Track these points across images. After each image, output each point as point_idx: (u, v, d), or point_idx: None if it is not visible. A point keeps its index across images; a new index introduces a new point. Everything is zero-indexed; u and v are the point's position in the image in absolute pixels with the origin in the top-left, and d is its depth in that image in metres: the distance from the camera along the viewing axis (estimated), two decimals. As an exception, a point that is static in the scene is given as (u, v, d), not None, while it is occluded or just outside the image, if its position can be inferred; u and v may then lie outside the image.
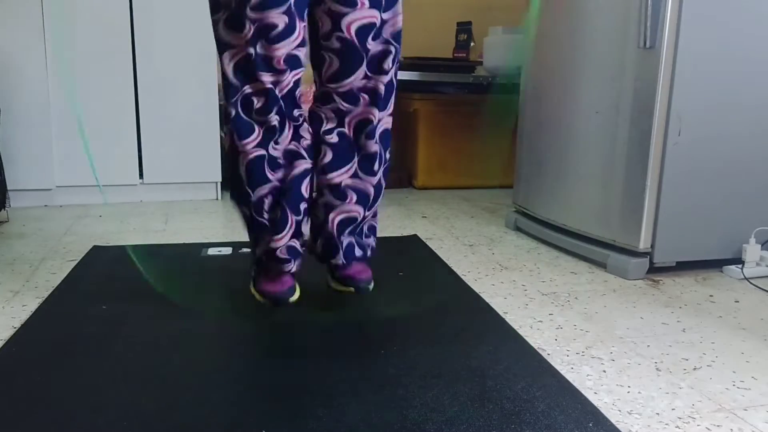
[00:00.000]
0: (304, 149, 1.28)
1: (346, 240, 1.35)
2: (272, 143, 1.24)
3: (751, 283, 1.66)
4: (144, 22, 2.43)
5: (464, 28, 3.07)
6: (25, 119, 2.37)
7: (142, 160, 2.53)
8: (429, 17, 3.23)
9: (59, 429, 0.93)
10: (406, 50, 3.06)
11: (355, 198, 1.33)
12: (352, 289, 1.36)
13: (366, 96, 1.29)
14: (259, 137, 1.24)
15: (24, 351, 1.18)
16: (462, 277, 1.66)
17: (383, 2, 1.26)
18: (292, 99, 1.25)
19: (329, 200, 1.32)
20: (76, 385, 1.05)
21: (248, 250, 1.84)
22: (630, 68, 1.64)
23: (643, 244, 1.66)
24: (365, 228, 1.40)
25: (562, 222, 1.92)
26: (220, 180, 2.61)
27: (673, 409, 1.02)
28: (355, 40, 1.24)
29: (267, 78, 1.20)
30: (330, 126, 1.31)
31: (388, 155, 1.37)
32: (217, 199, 2.64)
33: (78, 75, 2.40)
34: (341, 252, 1.35)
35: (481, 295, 1.52)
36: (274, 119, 1.23)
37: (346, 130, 1.31)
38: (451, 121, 2.88)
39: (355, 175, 1.32)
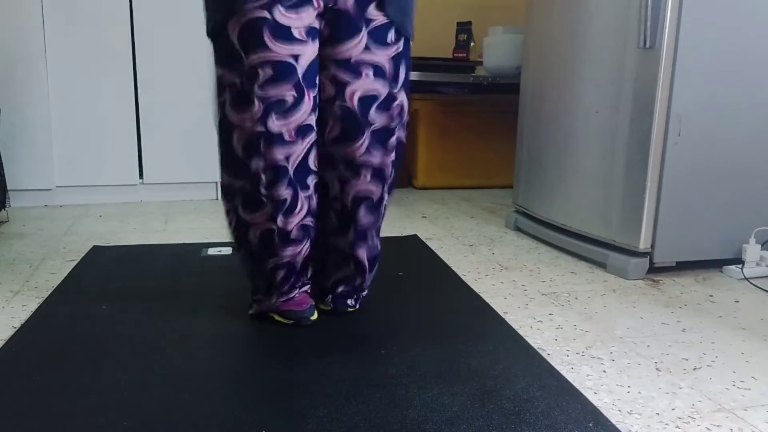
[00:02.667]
0: (310, 219, 1.27)
1: (346, 297, 1.36)
2: (280, 216, 1.21)
3: (751, 283, 1.66)
4: (144, 21, 2.43)
5: (464, 28, 3.07)
6: (25, 119, 2.37)
7: (142, 160, 2.53)
8: (429, 17, 3.23)
9: (59, 429, 0.93)
10: (406, 50, 3.07)
11: (352, 266, 1.33)
12: (329, 308, 1.37)
13: (369, 172, 1.26)
14: (271, 210, 1.21)
15: (24, 351, 1.18)
16: (462, 277, 1.66)
17: (388, 73, 1.22)
18: (305, 167, 1.21)
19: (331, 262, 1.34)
20: (76, 385, 1.05)
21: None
22: (630, 68, 1.64)
23: (643, 244, 1.66)
24: (365, 290, 1.40)
25: (562, 222, 1.92)
26: (220, 180, 2.61)
27: (673, 409, 1.02)
28: (357, 110, 1.21)
29: (278, 153, 1.17)
30: (334, 194, 1.28)
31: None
32: (217, 199, 2.64)
33: (78, 75, 2.40)
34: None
35: (481, 295, 1.52)
36: (285, 194, 1.19)
37: (347, 200, 1.28)
38: (451, 121, 2.88)
39: (353, 245, 1.31)
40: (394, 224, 2.23)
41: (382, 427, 0.94)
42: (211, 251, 1.84)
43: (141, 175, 2.54)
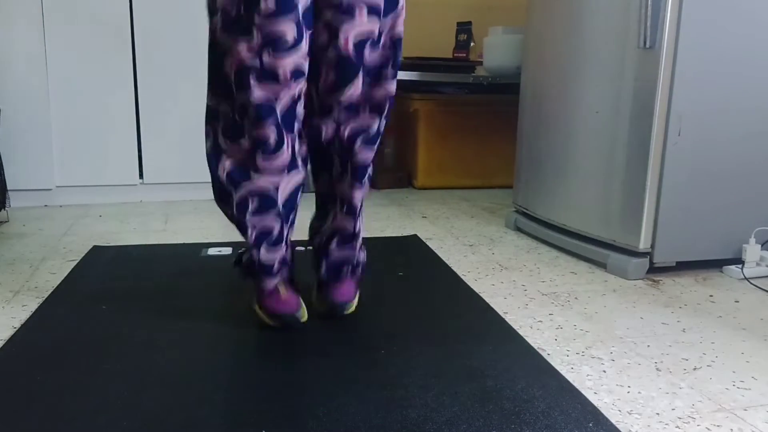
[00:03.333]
0: (301, 159, 1.25)
1: (334, 254, 1.33)
2: (260, 156, 1.18)
3: (751, 283, 1.66)
4: (144, 21, 2.43)
5: (464, 28, 3.07)
6: (25, 119, 2.37)
7: (142, 160, 2.53)
8: (429, 17, 3.23)
9: (59, 429, 0.93)
10: (406, 50, 3.07)
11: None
12: (329, 306, 1.34)
13: (368, 105, 1.26)
14: (249, 148, 1.18)
15: (24, 351, 1.18)
16: (462, 277, 1.66)
17: (383, 6, 1.20)
18: (292, 111, 1.19)
19: (342, 177, 1.30)
20: (76, 385, 1.05)
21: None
22: (630, 68, 1.64)
23: (643, 244, 1.66)
24: (358, 241, 1.36)
25: (562, 222, 1.92)
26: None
27: (673, 409, 1.02)
28: (352, 53, 1.19)
29: (268, 90, 1.14)
30: (329, 136, 1.27)
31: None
32: (217, 199, 2.64)
33: (78, 75, 2.40)
34: (326, 265, 1.34)
35: (481, 295, 1.52)
36: (269, 133, 1.16)
37: (344, 139, 1.27)
38: (451, 121, 2.88)
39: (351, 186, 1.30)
40: (394, 224, 2.23)
41: (382, 427, 0.94)
42: (211, 251, 1.84)
43: (141, 175, 2.54)
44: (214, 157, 1.22)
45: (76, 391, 1.03)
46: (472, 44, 3.04)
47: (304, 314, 1.31)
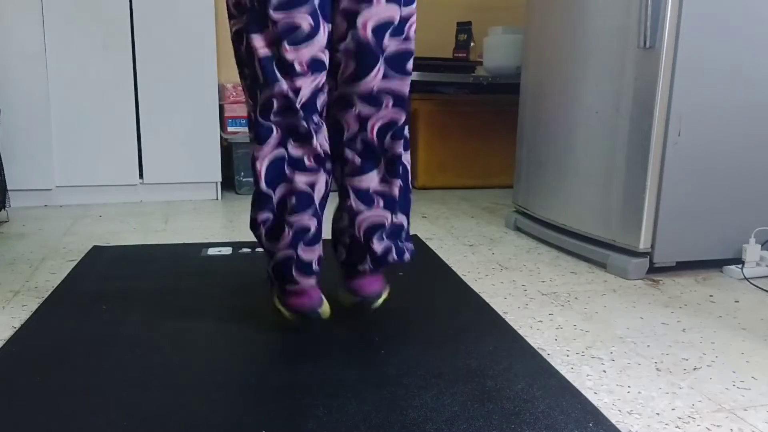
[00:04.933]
0: (324, 155, 1.23)
1: (380, 246, 1.29)
2: (290, 144, 1.18)
3: (751, 283, 1.66)
4: (144, 21, 2.43)
5: (464, 28, 3.07)
6: (25, 119, 2.37)
7: (142, 160, 2.53)
8: (429, 17, 3.23)
9: (59, 429, 0.93)
10: (406, 50, 3.07)
11: (382, 203, 1.28)
12: (359, 300, 1.32)
13: (390, 98, 1.23)
14: (278, 139, 1.18)
15: (24, 351, 1.18)
16: (462, 277, 1.66)
17: None
18: (313, 104, 1.18)
19: (356, 205, 1.27)
20: (76, 385, 1.05)
21: (248, 250, 1.85)
22: (630, 68, 1.64)
23: (643, 244, 1.66)
24: (403, 233, 1.34)
25: (562, 222, 1.92)
26: (220, 180, 2.61)
27: (673, 409, 1.02)
28: (372, 40, 1.19)
29: (287, 82, 1.15)
30: (353, 131, 1.25)
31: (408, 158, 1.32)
32: (217, 199, 2.64)
33: (78, 75, 2.40)
34: (369, 258, 1.30)
35: (481, 295, 1.52)
36: (291, 122, 1.17)
37: (369, 134, 1.25)
38: (451, 121, 2.89)
39: (383, 180, 1.28)
40: (394, 224, 2.23)
41: (382, 427, 0.94)
42: (211, 251, 1.84)
43: (141, 175, 2.54)
44: (252, 165, 1.22)
45: (76, 391, 1.03)
46: (472, 44, 3.04)
47: (326, 310, 1.27)
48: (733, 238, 1.73)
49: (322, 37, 1.15)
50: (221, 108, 2.67)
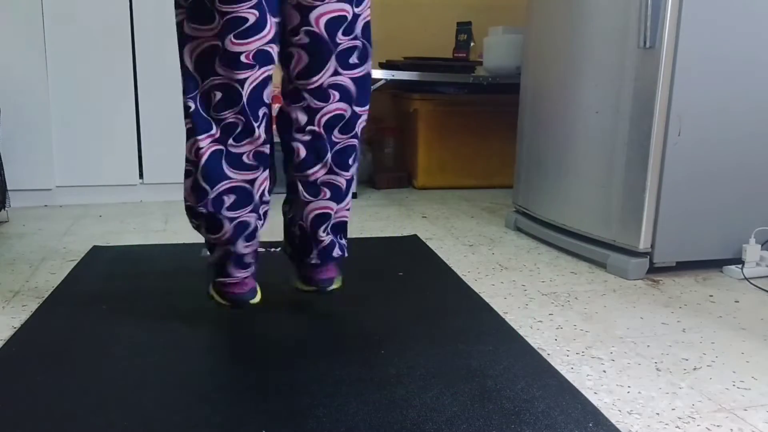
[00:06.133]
0: (266, 150, 1.25)
1: (326, 238, 1.33)
2: (231, 140, 1.20)
3: (751, 283, 1.66)
4: (144, 22, 2.43)
5: (464, 28, 3.07)
6: (25, 119, 2.37)
7: (142, 160, 2.53)
8: (429, 17, 3.23)
9: (59, 429, 0.93)
10: (406, 50, 3.08)
11: (328, 194, 1.30)
12: (313, 288, 1.37)
13: (336, 93, 1.25)
14: (217, 134, 1.19)
15: (24, 351, 1.18)
16: (462, 277, 1.66)
17: None
18: (258, 96, 1.20)
19: (303, 197, 1.30)
20: (76, 385, 1.05)
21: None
22: (630, 68, 1.64)
23: (643, 244, 1.66)
24: (341, 226, 1.37)
25: (562, 222, 1.92)
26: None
27: (673, 409, 1.02)
28: (324, 34, 1.20)
29: (232, 74, 1.16)
30: (301, 124, 1.27)
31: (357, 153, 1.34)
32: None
33: (78, 75, 2.40)
34: (315, 251, 1.34)
35: (481, 295, 1.52)
36: (233, 116, 1.18)
37: (316, 127, 1.27)
38: (451, 121, 2.88)
39: (329, 171, 1.29)
40: (394, 224, 2.23)
41: (382, 427, 0.94)
42: (211, 251, 1.84)
43: (141, 175, 2.54)
44: (191, 152, 1.22)
45: (76, 391, 1.03)
46: (472, 44, 3.04)
47: (258, 299, 1.32)
48: (733, 238, 1.73)
49: (269, 30, 1.17)
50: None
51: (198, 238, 2.01)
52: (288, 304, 1.42)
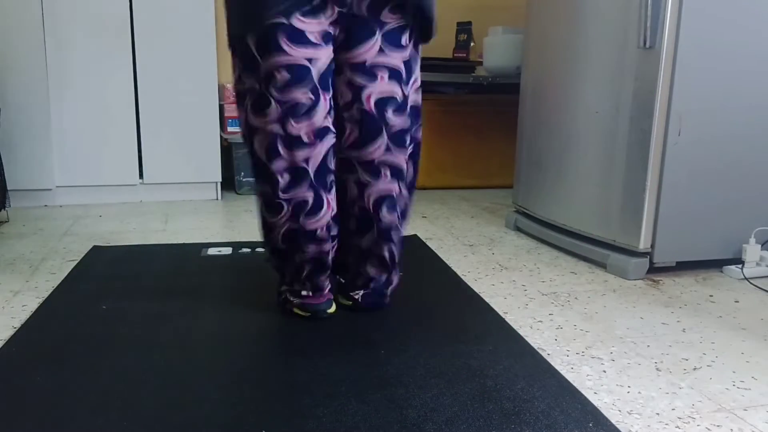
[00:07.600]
0: (331, 225, 1.29)
1: (367, 299, 1.38)
2: (303, 217, 1.24)
3: (751, 283, 1.66)
4: (144, 22, 2.43)
5: (464, 28, 3.07)
6: (25, 119, 2.37)
7: (142, 160, 2.53)
8: (429, 17, 3.22)
9: (59, 429, 0.93)
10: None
11: (374, 270, 1.36)
12: (350, 303, 1.40)
13: (388, 171, 1.29)
14: (291, 215, 1.24)
15: (24, 351, 1.18)
16: (462, 277, 1.66)
17: (403, 75, 1.26)
18: (324, 168, 1.24)
19: (353, 260, 1.37)
20: (76, 385, 1.05)
21: (248, 250, 1.85)
22: (630, 68, 1.64)
23: (643, 244, 1.66)
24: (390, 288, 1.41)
25: (562, 222, 1.92)
26: (220, 180, 2.61)
27: (673, 409, 1.02)
28: (374, 112, 1.25)
29: (298, 155, 1.20)
30: (352, 198, 1.31)
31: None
32: (217, 199, 2.64)
33: (78, 75, 2.40)
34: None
35: (481, 295, 1.52)
36: (307, 195, 1.23)
37: (365, 203, 1.30)
38: (451, 121, 2.88)
39: (375, 243, 1.33)
40: (394, 224, 2.23)
41: (382, 427, 0.94)
42: (211, 251, 1.84)
43: (141, 175, 2.54)
44: (266, 230, 1.30)
45: (76, 391, 1.03)
46: (472, 44, 3.04)
47: (334, 309, 1.37)
48: (733, 238, 1.73)
49: (324, 106, 1.21)
50: (221, 108, 2.67)
51: (198, 237, 2.01)
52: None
